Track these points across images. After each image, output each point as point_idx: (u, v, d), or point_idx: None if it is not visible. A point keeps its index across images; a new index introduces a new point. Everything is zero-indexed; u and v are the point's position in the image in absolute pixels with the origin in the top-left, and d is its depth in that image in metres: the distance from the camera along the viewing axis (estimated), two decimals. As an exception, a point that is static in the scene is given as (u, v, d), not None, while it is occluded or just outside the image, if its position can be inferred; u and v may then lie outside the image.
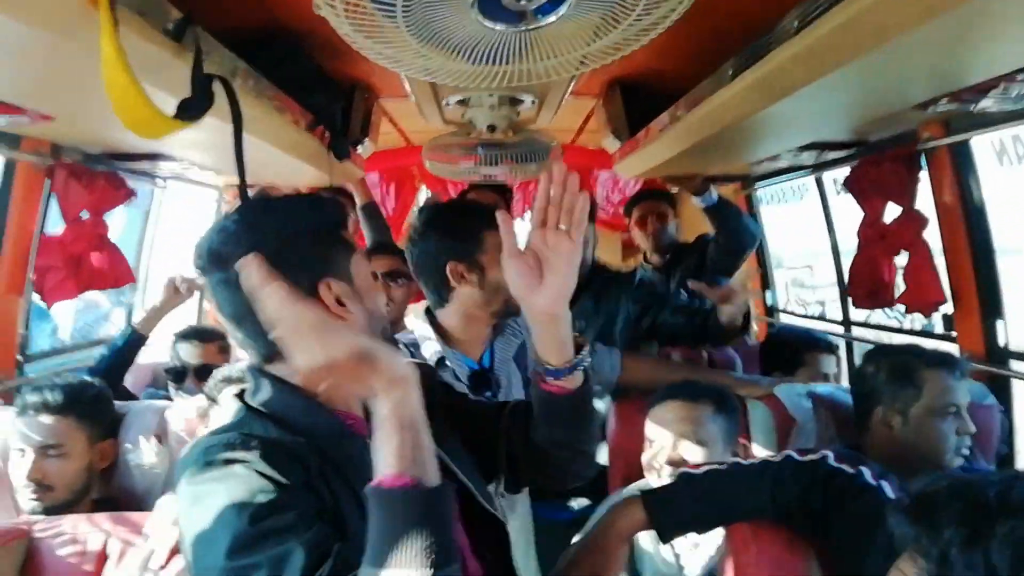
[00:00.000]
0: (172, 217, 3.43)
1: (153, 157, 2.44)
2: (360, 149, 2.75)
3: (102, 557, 1.33)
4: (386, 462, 0.80)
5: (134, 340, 2.46)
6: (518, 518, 1.83)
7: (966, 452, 1.66)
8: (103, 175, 2.37)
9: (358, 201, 3.26)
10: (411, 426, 0.83)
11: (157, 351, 2.71)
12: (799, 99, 1.56)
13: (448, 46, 1.15)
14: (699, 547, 1.53)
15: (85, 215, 2.35)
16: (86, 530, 1.36)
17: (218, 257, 0.96)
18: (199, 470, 0.88)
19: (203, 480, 0.86)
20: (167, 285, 2.51)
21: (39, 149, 2.05)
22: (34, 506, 1.59)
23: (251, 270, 0.88)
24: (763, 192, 3.50)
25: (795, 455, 1.21)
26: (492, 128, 2.41)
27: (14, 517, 1.55)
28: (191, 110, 1.06)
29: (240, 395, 1.03)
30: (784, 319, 3.65)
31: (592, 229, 2.45)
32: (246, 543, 0.80)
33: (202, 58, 1.18)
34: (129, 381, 2.55)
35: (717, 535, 1.48)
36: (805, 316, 3.62)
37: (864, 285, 2.44)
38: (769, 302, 3.73)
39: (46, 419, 1.67)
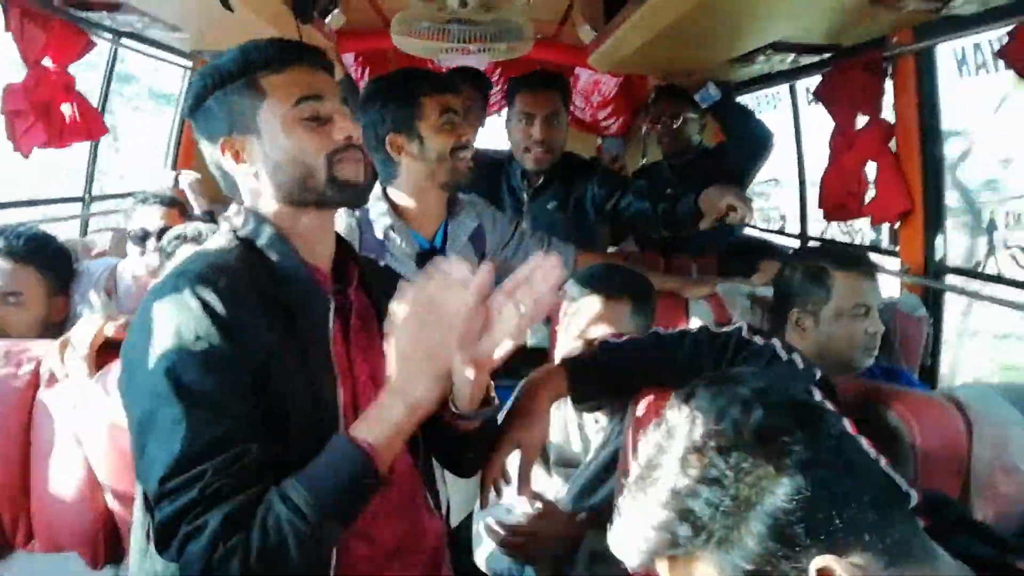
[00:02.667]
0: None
1: (112, 7, 2.36)
2: (329, 19, 2.67)
3: (35, 378, 1.36)
4: (369, 428, 0.92)
5: None
6: None
7: (874, 351, 1.71)
8: (59, 22, 2.29)
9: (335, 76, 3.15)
10: (412, 426, 0.94)
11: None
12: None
13: None
14: (598, 423, 1.58)
15: (48, 63, 2.29)
16: (20, 350, 1.38)
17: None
18: (167, 290, 0.95)
19: (166, 301, 0.93)
20: None
21: (-10, -15, 1.97)
22: None
23: None
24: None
25: (711, 327, 1.24)
26: (464, 3, 2.35)
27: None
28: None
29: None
30: (746, 232, 3.68)
31: (566, 116, 2.41)
32: (173, 384, 0.88)
33: None
34: None
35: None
36: (765, 231, 3.65)
37: (834, 196, 2.45)
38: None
39: (7, 265, 1.67)
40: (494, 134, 4.01)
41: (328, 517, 0.87)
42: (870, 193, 2.32)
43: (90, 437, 1.30)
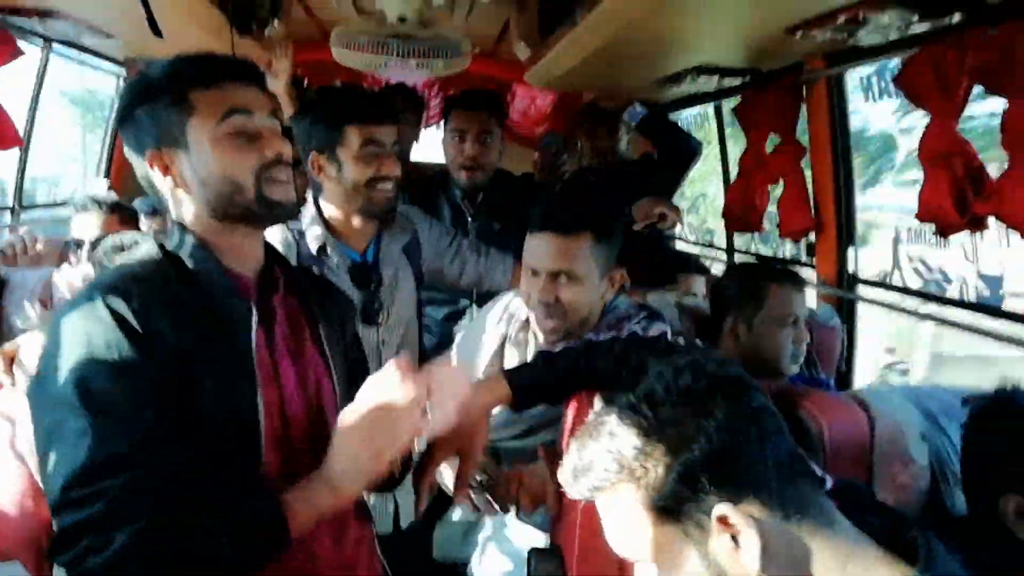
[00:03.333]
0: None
1: (44, 14, 2.32)
2: (268, 31, 2.68)
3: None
4: (297, 501, 0.95)
5: None
6: None
7: (801, 359, 1.85)
8: (-10, 29, 2.24)
9: (287, 112, 3.09)
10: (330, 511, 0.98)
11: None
12: (681, 10, 1.63)
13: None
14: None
15: (-31, 69, 2.23)
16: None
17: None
18: (81, 301, 0.95)
19: (77, 312, 0.94)
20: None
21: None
22: None
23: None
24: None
25: (639, 332, 1.31)
26: (403, 19, 2.40)
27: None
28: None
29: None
30: (678, 245, 3.81)
31: (499, 134, 2.46)
32: (81, 394, 0.88)
33: None
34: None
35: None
36: (695, 243, 3.78)
37: (737, 208, 2.60)
38: (666, 229, 3.88)
39: None
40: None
41: (240, 562, 0.91)
42: (771, 209, 2.48)
43: (32, 448, 1.28)
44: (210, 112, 1.03)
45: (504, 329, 1.70)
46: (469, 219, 2.45)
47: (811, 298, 2.40)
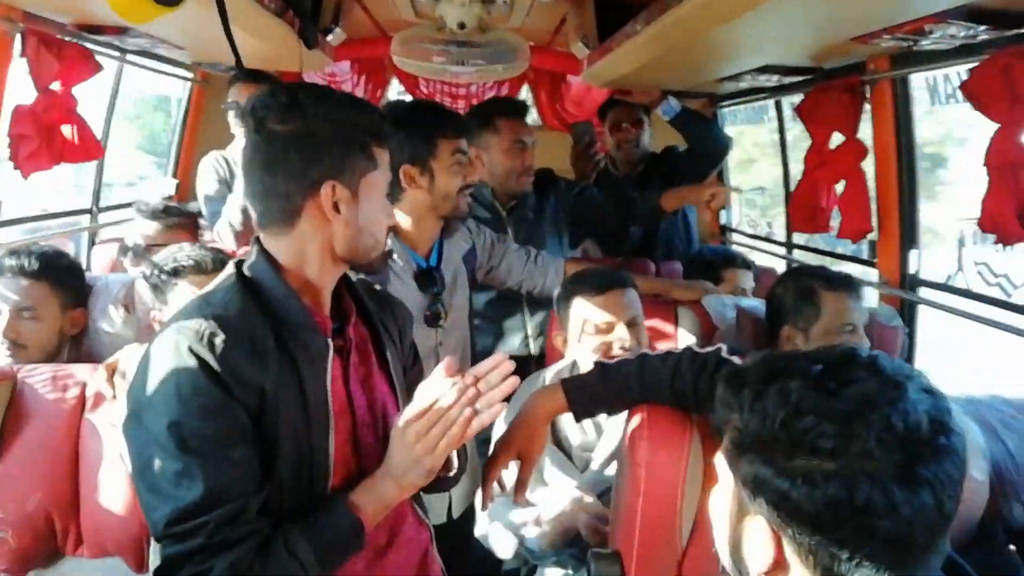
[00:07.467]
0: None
1: (122, 31, 2.43)
2: (330, 37, 2.76)
3: (81, 400, 1.47)
4: (366, 500, 1.06)
5: None
6: None
7: None
8: (72, 47, 2.36)
9: None
10: (401, 499, 1.10)
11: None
12: (750, 22, 1.64)
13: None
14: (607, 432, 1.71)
15: (56, 86, 2.36)
16: (66, 375, 1.49)
17: (254, 117, 1.07)
18: (169, 343, 1.00)
19: (165, 354, 0.99)
20: None
21: (10, 15, 2.04)
22: (8, 363, 1.67)
23: None
24: (728, 113, 3.58)
25: (694, 348, 1.34)
26: (462, 25, 2.44)
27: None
28: (174, -5, 1.09)
29: (240, 263, 1.13)
30: (736, 238, 3.80)
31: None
32: (174, 437, 0.95)
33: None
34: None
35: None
36: (753, 236, 3.76)
37: (804, 209, 2.58)
38: (723, 220, 3.86)
39: (22, 282, 1.74)
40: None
41: (324, 568, 1.01)
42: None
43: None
44: (384, 172, 1.18)
45: None
46: (504, 213, 2.50)
47: (873, 298, 2.39)
